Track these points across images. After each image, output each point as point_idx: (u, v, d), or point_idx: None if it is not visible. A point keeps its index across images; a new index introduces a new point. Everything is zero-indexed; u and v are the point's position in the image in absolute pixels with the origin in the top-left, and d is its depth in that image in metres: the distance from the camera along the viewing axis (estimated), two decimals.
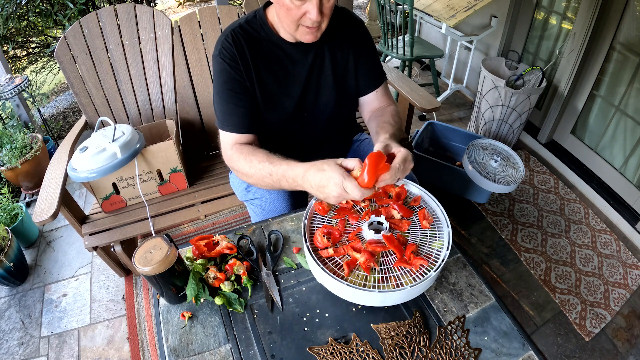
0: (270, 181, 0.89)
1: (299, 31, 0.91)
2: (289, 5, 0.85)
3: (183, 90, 1.67)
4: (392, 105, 1.11)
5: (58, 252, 1.89)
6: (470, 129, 2.52)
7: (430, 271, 0.76)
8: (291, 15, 0.87)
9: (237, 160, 0.94)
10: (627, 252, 1.81)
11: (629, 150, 1.93)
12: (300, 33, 0.92)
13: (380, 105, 1.11)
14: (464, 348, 0.75)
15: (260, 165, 0.89)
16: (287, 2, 0.85)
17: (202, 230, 1.95)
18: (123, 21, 1.53)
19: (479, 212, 2.00)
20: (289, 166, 0.84)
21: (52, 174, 1.35)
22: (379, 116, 1.04)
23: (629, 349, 1.48)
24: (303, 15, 0.86)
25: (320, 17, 0.86)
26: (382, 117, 1.03)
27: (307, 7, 0.85)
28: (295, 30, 0.91)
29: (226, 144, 0.99)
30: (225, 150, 0.99)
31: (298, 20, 0.88)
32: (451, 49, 2.81)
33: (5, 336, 1.58)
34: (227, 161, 1.00)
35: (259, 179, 0.91)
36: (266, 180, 0.89)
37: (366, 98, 1.12)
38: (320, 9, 0.86)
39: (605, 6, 1.82)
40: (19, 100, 2.29)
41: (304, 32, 0.91)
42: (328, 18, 0.90)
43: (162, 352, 0.75)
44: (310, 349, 0.74)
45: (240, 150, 0.95)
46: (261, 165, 0.89)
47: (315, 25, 0.89)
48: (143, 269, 0.72)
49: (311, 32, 0.91)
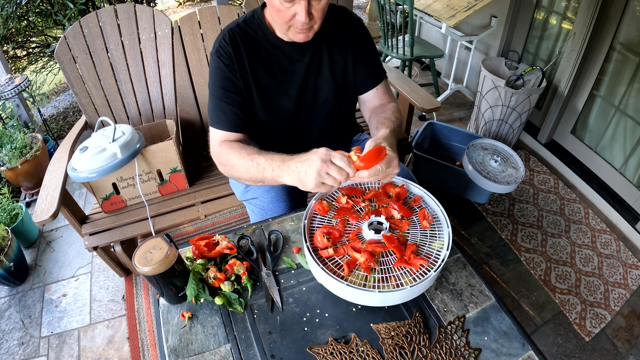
0: (255, 172, 0.88)
1: (290, 31, 0.92)
2: (278, 7, 0.86)
3: (183, 90, 1.67)
4: (392, 102, 1.11)
5: (58, 252, 1.89)
6: (470, 129, 2.52)
7: (430, 271, 0.76)
8: (281, 16, 0.88)
9: (226, 154, 0.95)
10: (627, 252, 1.81)
11: (629, 150, 1.93)
12: (291, 33, 0.93)
13: (381, 102, 1.11)
14: (464, 348, 0.75)
15: (249, 157, 0.90)
16: (277, 4, 0.86)
17: (202, 230, 1.95)
18: (123, 21, 1.53)
19: (479, 212, 2.00)
20: (275, 154, 0.87)
21: (52, 174, 1.35)
22: (379, 113, 1.04)
23: (629, 349, 1.48)
24: (293, 16, 0.87)
25: (309, 19, 0.87)
26: (382, 113, 1.03)
27: (296, 9, 0.86)
28: (286, 30, 0.92)
29: (215, 140, 1.00)
30: (214, 147, 1.00)
31: (288, 21, 0.89)
32: (451, 49, 2.81)
33: (5, 336, 1.58)
34: (214, 157, 1.00)
35: (245, 170, 0.91)
36: (251, 171, 0.89)
37: (366, 96, 1.12)
38: (310, 11, 0.86)
39: (605, 6, 1.82)
40: (19, 100, 2.29)
41: (295, 33, 0.92)
42: (320, 19, 0.90)
43: (162, 352, 0.75)
44: (310, 349, 0.74)
45: (230, 145, 0.96)
46: (250, 157, 0.90)
47: (305, 27, 0.89)
48: (143, 269, 0.72)
49: (302, 33, 0.91)
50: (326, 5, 0.89)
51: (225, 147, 0.96)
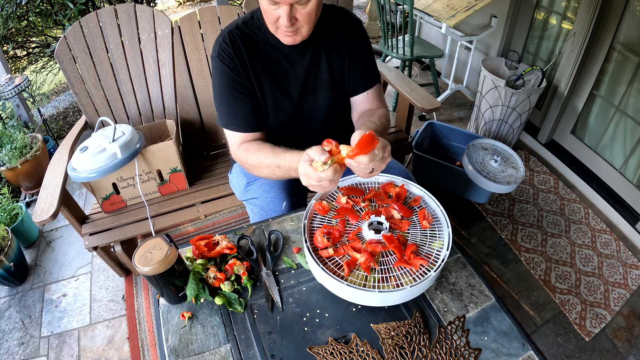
0: (280, 174, 0.93)
1: (278, 33, 0.93)
2: (265, 8, 0.87)
3: (183, 90, 1.67)
4: (382, 109, 1.09)
5: (58, 252, 1.89)
6: (470, 129, 2.52)
7: (430, 271, 0.76)
8: (268, 17, 0.89)
9: (245, 157, 1.00)
10: (627, 252, 1.81)
11: (629, 150, 1.93)
12: (279, 35, 0.93)
13: (371, 107, 1.09)
14: (464, 348, 0.75)
15: (268, 161, 0.94)
16: (264, 5, 0.86)
17: (202, 230, 1.95)
18: (123, 21, 1.53)
19: (479, 212, 2.00)
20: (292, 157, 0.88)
21: (52, 174, 1.35)
22: (366, 116, 1.03)
23: (629, 349, 1.48)
24: (278, 19, 0.87)
25: (290, 23, 0.86)
26: (369, 117, 1.01)
27: (280, 13, 0.86)
28: (275, 32, 0.93)
29: (233, 143, 1.03)
30: (234, 150, 1.04)
31: (275, 22, 0.89)
32: (451, 49, 2.81)
33: (5, 336, 1.58)
34: (235, 159, 1.05)
35: (270, 173, 0.96)
36: (276, 173, 0.94)
37: (356, 99, 1.10)
38: (293, 15, 0.86)
39: (605, 6, 1.82)
40: (19, 100, 2.29)
41: (282, 35, 0.92)
42: (307, 23, 0.89)
43: (162, 352, 0.75)
44: (310, 349, 0.74)
45: (247, 148, 0.99)
46: (268, 161, 0.93)
47: (289, 31, 0.89)
48: (143, 269, 0.72)
49: (287, 35, 0.91)
50: (314, 10, 0.87)
51: (244, 149, 1.00)
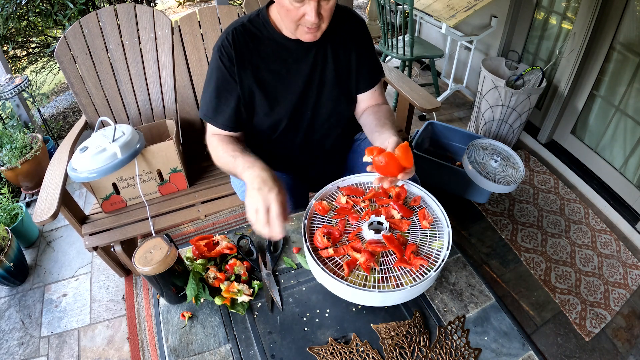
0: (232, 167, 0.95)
1: (299, 31, 0.93)
2: (288, 6, 0.87)
3: (183, 90, 1.67)
4: (386, 104, 1.14)
5: (58, 252, 1.89)
6: (470, 129, 2.52)
7: (430, 271, 0.76)
8: (290, 16, 0.88)
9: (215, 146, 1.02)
10: (627, 252, 1.81)
11: (629, 150, 1.93)
12: (299, 32, 0.93)
13: (376, 102, 1.13)
14: (464, 348, 0.75)
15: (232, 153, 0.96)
16: (287, 4, 0.86)
17: (202, 230, 1.95)
18: (123, 21, 1.53)
19: (479, 212, 2.00)
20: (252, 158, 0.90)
21: (52, 174, 1.35)
22: (376, 112, 1.07)
23: (629, 349, 1.48)
24: (302, 16, 0.88)
25: (318, 19, 0.88)
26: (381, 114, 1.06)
27: (306, 9, 0.86)
28: (295, 30, 0.93)
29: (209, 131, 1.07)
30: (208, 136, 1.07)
31: (297, 20, 0.89)
32: (451, 49, 2.81)
33: (5, 336, 1.58)
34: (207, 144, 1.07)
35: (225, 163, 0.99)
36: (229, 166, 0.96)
37: (363, 95, 1.13)
38: (319, 11, 0.87)
39: (605, 6, 1.82)
40: (19, 100, 2.28)
41: (303, 32, 0.93)
42: (328, 19, 0.91)
43: (162, 352, 0.75)
44: (310, 349, 0.74)
45: (221, 138, 1.03)
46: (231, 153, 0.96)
47: (314, 27, 0.90)
48: (143, 269, 0.72)
49: (310, 32, 0.92)
50: (334, 5, 0.90)
51: (217, 139, 1.03)
